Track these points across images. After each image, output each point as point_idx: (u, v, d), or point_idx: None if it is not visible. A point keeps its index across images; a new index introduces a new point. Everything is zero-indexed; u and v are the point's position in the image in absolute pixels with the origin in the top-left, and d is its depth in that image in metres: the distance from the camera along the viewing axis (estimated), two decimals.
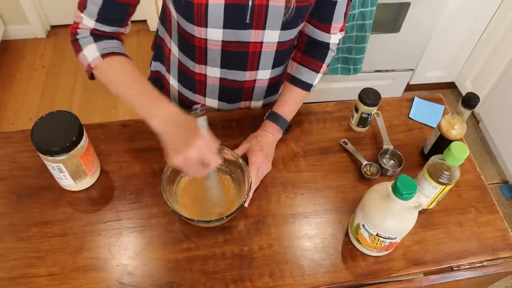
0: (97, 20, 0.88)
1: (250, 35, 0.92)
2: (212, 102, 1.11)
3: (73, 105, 2.39)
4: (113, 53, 0.88)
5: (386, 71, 2.29)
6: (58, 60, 2.61)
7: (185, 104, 1.15)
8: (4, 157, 1.00)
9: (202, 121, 0.81)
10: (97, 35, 0.89)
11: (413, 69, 2.33)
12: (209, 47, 0.94)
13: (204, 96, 1.09)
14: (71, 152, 0.86)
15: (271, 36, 0.93)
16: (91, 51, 0.88)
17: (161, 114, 0.80)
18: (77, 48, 0.90)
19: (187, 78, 1.06)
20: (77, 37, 0.90)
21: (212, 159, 0.78)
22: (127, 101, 0.85)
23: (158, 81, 1.17)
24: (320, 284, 0.86)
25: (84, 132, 0.89)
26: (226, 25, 0.89)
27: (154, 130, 0.80)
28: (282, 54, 1.01)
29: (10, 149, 1.01)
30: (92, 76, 0.92)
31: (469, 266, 0.91)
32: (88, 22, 0.88)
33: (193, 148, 0.75)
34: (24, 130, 1.02)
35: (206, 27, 0.89)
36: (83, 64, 0.90)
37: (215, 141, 0.79)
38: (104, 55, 0.87)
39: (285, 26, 0.91)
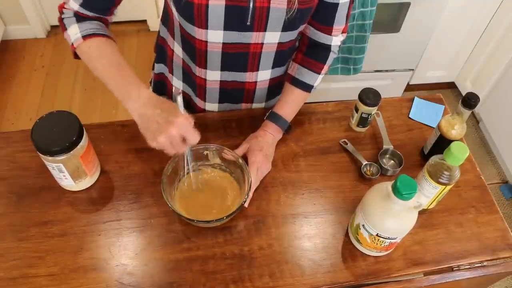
0: (81, 5, 0.90)
1: (251, 37, 0.91)
2: (212, 106, 1.10)
3: (73, 105, 2.39)
4: (95, 34, 0.89)
5: (386, 71, 2.29)
6: (58, 60, 2.61)
7: (190, 106, 1.15)
8: (4, 157, 1.00)
9: (179, 99, 0.83)
10: (80, 16, 0.91)
11: (413, 69, 2.33)
12: (209, 49, 0.94)
13: (204, 100, 1.09)
14: (71, 152, 0.86)
15: (271, 38, 0.93)
16: (73, 31, 0.90)
17: (137, 97, 0.82)
18: (63, 27, 0.93)
19: (190, 79, 1.06)
20: (62, 16, 0.92)
21: (192, 135, 0.80)
22: (105, 84, 0.87)
23: (162, 84, 1.16)
24: (320, 284, 0.86)
25: (84, 132, 0.89)
26: (227, 27, 0.89)
27: (130, 113, 0.82)
28: (282, 54, 1.01)
29: (10, 149, 1.01)
30: (76, 55, 0.93)
31: (469, 266, 0.91)
32: (73, 4, 0.90)
33: (175, 125, 0.77)
34: (24, 130, 1.02)
35: (207, 28, 0.89)
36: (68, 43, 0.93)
37: (191, 118, 0.81)
38: (85, 36, 0.89)
39: (286, 27, 0.91)
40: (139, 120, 0.81)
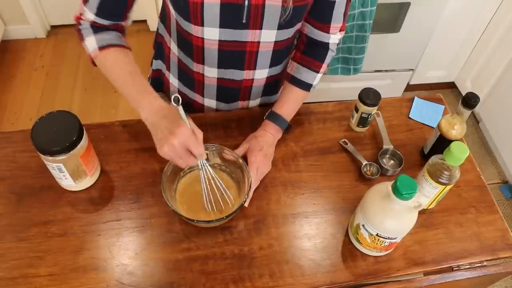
0: (97, 14, 0.91)
1: (247, 35, 0.92)
2: (210, 102, 1.11)
3: (73, 105, 2.39)
4: (111, 45, 0.92)
5: (386, 71, 2.29)
6: (58, 60, 2.61)
7: (185, 103, 1.15)
8: (4, 157, 1.00)
9: (181, 110, 0.82)
10: (97, 27, 0.93)
11: (413, 69, 2.33)
12: (206, 46, 0.94)
13: (202, 96, 1.09)
14: (71, 152, 0.86)
15: (267, 36, 0.93)
16: (90, 42, 0.93)
17: (148, 106, 0.84)
18: (81, 37, 0.95)
19: (186, 76, 1.07)
20: (80, 27, 0.94)
21: (194, 146, 0.80)
22: (121, 93, 0.89)
23: (159, 80, 1.17)
24: (320, 284, 0.86)
25: (84, 132, 0.89)
26: (223, 25, 0.89)
27: (144, 121, 0.85)
28: (279, 53, 1.01)
29: (10, 149, 1.01)
30: (94, 63, 0.96)
31: (469, 266, 0.91)
32: (89, 15, 0.91)
33: (176, 136, 0.78)
34: (24, 130, 1.02)
35: (203, 26, 0.89)
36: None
37: (198, 130, 0.82)
38: (101, 48, 0.91)
39: (282, 25, 0.92)
40: (151, 129, 0.84)
